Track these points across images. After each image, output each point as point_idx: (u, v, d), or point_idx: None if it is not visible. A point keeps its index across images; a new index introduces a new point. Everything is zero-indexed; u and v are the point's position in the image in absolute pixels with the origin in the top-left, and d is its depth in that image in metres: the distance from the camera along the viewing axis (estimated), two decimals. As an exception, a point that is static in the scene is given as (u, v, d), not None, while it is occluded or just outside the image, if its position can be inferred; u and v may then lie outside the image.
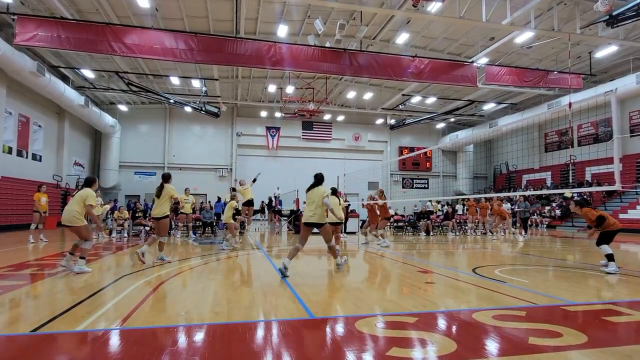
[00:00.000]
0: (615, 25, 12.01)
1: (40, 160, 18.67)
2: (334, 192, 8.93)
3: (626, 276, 6.07)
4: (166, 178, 7.44)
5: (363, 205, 13.50)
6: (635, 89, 16.96)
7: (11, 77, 15.19)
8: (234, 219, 10.27)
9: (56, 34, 11.72)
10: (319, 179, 6.37)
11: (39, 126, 18.51)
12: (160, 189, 7.21)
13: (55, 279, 5.55)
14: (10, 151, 16.28)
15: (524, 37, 14.35)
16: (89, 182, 6.43)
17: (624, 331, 3.39)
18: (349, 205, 16.05)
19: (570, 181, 22.49)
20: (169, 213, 7.32)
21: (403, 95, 21.90)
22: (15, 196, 15.64)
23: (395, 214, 18.75)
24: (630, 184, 18.98)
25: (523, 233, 15.55)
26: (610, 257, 6.34)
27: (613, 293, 4.92)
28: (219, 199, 20.41)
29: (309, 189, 6.35)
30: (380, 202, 11.52)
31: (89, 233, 6.24)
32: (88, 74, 18.77)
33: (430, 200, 20.04)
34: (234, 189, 11.52)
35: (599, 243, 6.63)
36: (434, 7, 12.56)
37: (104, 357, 2.69)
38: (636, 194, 18.76)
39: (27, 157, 17.57)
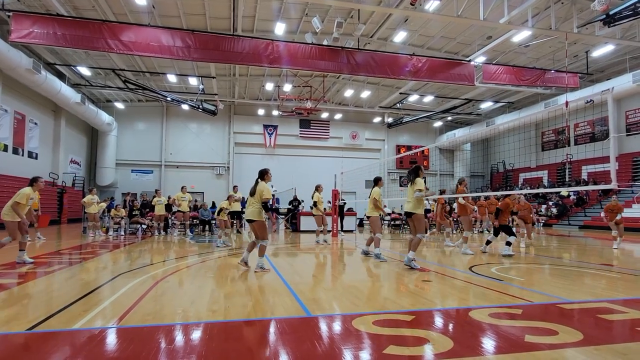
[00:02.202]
0: (612, 25, 12.04)
1: (36, 158, 18.57)
2: (377, 181, 8.10)
3: (621, 274, 6.10)
4: (261, 174, 6.20)
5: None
6: (632, 88, 17.02)
7: (7, 75, 15.09)
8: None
9: (52, 31, 11.64)
10: (415, 171, 6.74)
11: (35, 124, 18.41)
12: (254, 187, 6.12)
13: (52, 277, 5.53)
14: (5, 149, 16.19)
15: (521, 35, 14.38)
16: (30, 181, 6.80)
17: (619, 329, 3.41)
18: (345, 203, 16.03)
19: (567, 180, 22.60)
20: (263, 217, 6.12)
21: (400, 93, 21.91)
22: (11, 194, 15.51)
23: (393, 212, 18.78)
24: (626, 182, 19.08)
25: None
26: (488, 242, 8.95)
27: (608, 291, 4.95)
28: (214, 204, 20.06)
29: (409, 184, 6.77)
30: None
31: (14, 231, 6.45)
32: (84, 71, 18.66)
33: (427, 199, 20.03)
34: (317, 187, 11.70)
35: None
36: (431, 6, 12.56)
37: (100, 355, 2.68)
38: (632, 192, 18.86)
39: (23, 155, 17.47)
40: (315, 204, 11.34)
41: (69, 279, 5.37)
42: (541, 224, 20.39)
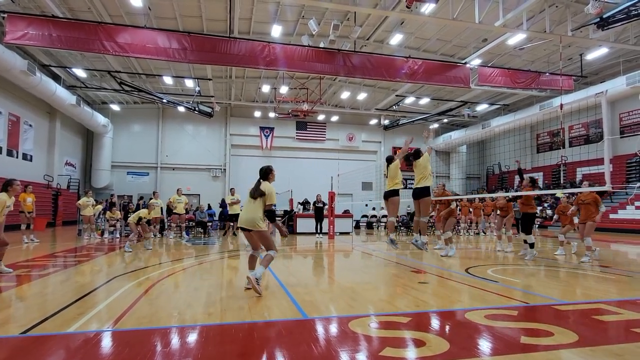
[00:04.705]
0: (605, 28, 12.13)
1: (30, 160, 18.43)
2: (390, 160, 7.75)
3: (616, 275, 6.15)
4: (264, 173, 5.00)
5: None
6: (625, 90, 17.16)
7: (1, 76, 14.98)
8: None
9: (47, 33, 11.56)
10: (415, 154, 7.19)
11: (30, 125, 18.29)
12: (257, 187, 4.88)
13: (46, 279, 5.49)
14: (0, 151, 16.07)
15: (516, 38, 14.48)
16: (4, 186, 6.03)
17: (614, 330, 3.43)
18: (324, 205, 15.40)
19: (562, 181, 22.72)
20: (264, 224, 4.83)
21: (397, 95, 21.97)
22: (5, 196, 15.40)
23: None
24: (620, 184, 19.22)
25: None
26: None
27: (603, 292, 4.98)
28: (210, 206, 19.86)
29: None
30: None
31: None
32: (80, 73, 18.56)
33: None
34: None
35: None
36: (427, 9, 12.61)
37: (95, 359, 2.66)
38: (626, 194, 19.00)
39: (17, 157, 17.33)
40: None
41: (63, 282, 5.34)
42: (536, 226, 20.46)
